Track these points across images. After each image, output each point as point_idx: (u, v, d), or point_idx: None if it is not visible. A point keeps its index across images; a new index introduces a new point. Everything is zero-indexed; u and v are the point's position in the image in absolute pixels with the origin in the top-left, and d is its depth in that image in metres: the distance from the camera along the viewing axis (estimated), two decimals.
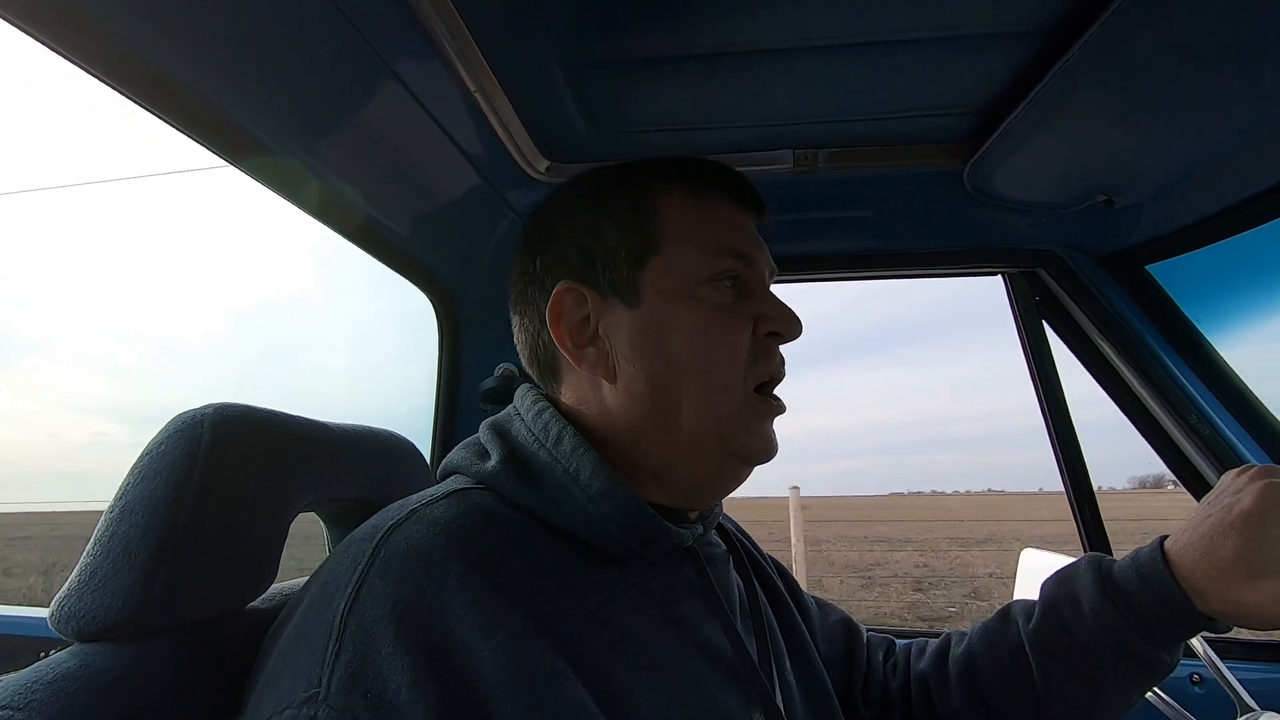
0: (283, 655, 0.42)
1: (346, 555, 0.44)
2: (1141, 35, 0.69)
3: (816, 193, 1.08)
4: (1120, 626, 0.60)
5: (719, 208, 0.60)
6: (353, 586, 0.41)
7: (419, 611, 0.39)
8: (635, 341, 0.56)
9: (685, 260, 0.57)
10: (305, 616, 0.43)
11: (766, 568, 0.75)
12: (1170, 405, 1.09)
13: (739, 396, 0.56)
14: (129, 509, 0.49)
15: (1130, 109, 0.81)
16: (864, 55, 0.81)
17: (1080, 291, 1.14)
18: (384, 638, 0.38)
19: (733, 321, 0.57)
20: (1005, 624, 0.69)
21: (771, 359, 0.59)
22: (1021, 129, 0.86)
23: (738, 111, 0.93)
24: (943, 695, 0.70)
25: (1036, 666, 0.64)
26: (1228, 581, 0.55)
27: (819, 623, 0.77)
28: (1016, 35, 0.75)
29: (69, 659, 0.45)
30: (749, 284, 0.59)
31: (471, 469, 0.55)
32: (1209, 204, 0.98)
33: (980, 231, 1.15)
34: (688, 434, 0.56)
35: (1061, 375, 1.24)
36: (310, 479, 0.62)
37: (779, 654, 0.63)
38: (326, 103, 0.78)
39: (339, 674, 0.38)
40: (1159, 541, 0.61)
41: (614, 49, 0.81)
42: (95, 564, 0.48)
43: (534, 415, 0.57)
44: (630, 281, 0.57)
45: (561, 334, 0.58)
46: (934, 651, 0.73)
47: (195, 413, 0.55)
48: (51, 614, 0.48)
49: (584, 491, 0.51)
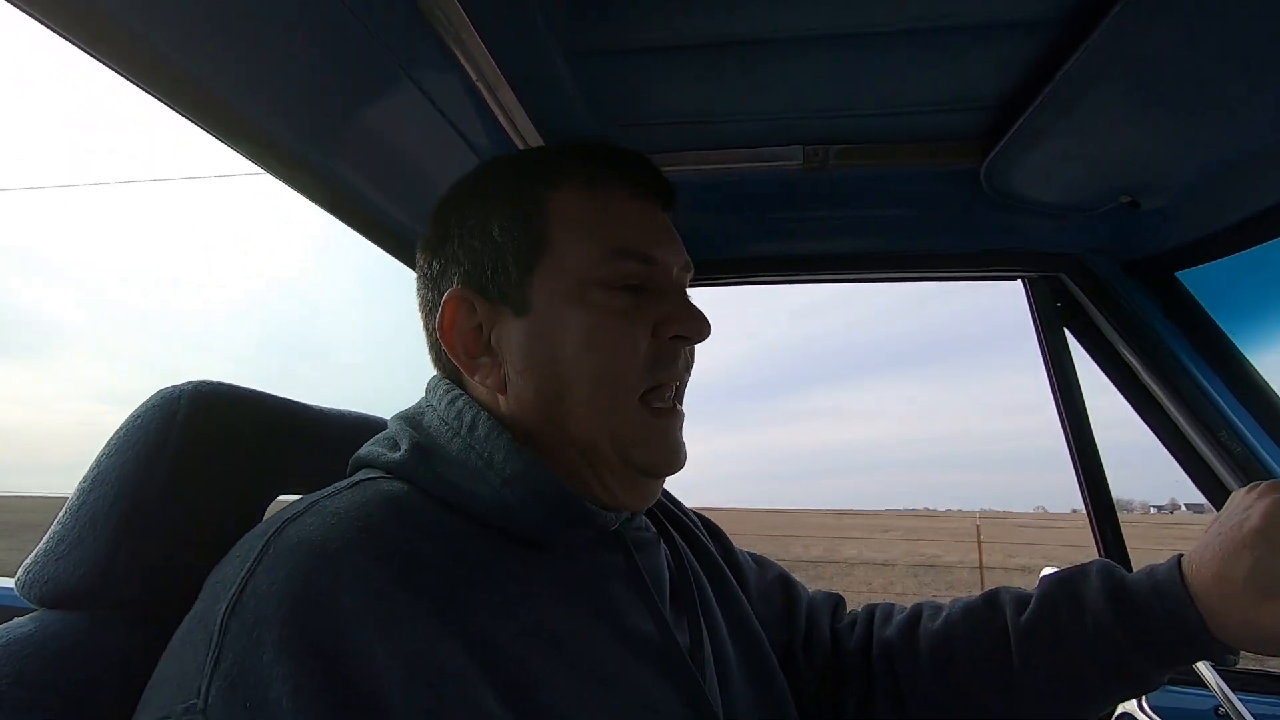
0: (169, 658, 0.40)
1: (239, 552, 0.42)
2: (1163, 24, 0.66)
3: (827, 190, 1.06)
4: (1123, 642, 0.58)
5: (616, 201, 0.56)
6: (237, 585, 0.38)
7: (306, 612, 0.37)
8: (525, 351, 0.54)
9: (575, 262, 0.54)
10: (192, 618, 0.40)
11: (698, 534, 0.73)
12: (1199, 421, 1.04)
13: (632, 407, 0.54)
14: (100, 479, 0.50)
15: (1153, 104, 0.77)
16: (875, 46, 0.79)
17: (1105, 298, 1.09)
18: (265, 643, 0.35)
19: (626, 326, 0.54)
20: (991, 609, 0.67)
21: (673, 363, 0.56)
22: (1038, 125, 0.83)
23: (746, 105, 0.91)
24: (909, 667, 0.68)
25: (1019, 660, 0.62)
26: (1242, 602, 0.52)
27: (755, 581, 0.75)
28: (1032, 25, 0.72)
29: (27, 624, 0.45)
30: (653, 284, 0.56)
31: (380, 460, 0.52)
32: (1242, 207, 0.92)
33: (999, 233, 1.11)
34: (584, 447, 0.54)
35: None
36: (291, 460, 0.62)
37: (715, 631, 0.61)
38: (330, 93, 0.78)
39: (217, 683, 0.35)
40: (1176, 559, 0.58)
41: (617, 37, 0.80)
42: (63, 531, 0.49)
43: (446, 404, 0.55)
44: (519, 287, 0.54)
45: (454, 344, 0.56)
46: (902, 621, 0.71)
47: (174, 388, 0.55)
48: (18, 579, 0.49)
49: (499, 475, 0.50)
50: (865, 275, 1.22)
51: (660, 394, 0.56)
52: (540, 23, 0.76)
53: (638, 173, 0.58)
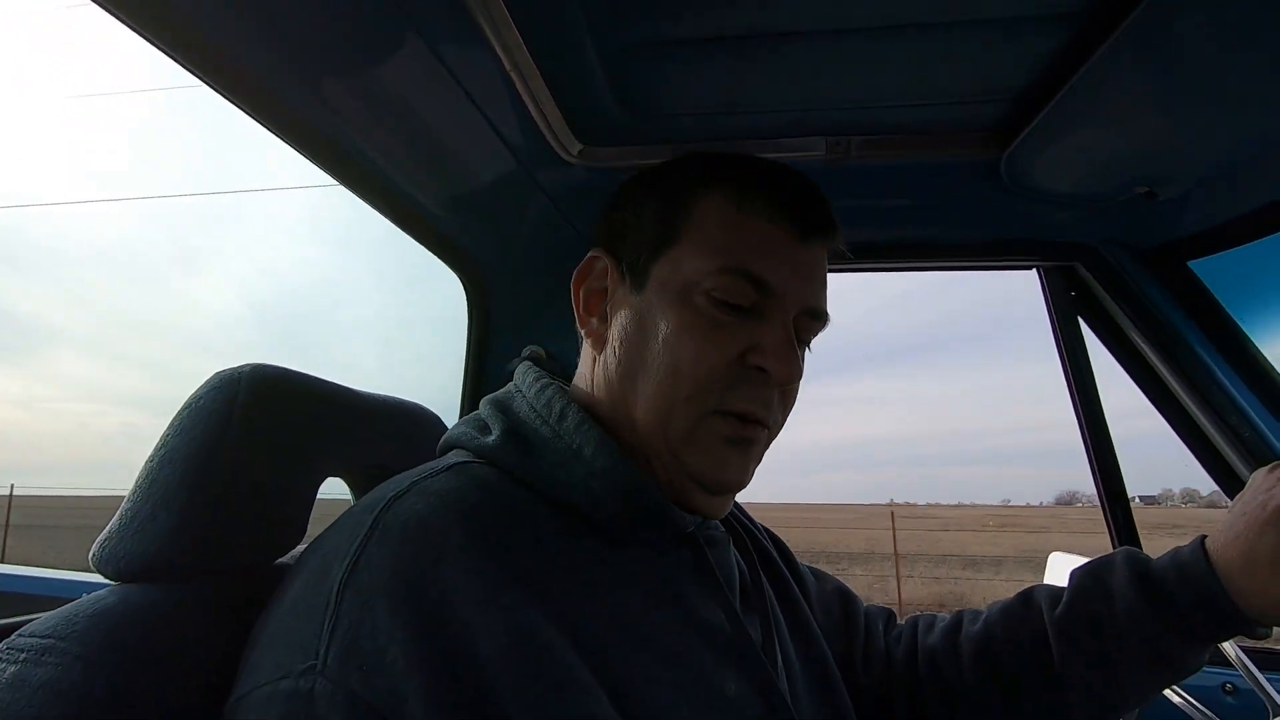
0: (282, 621, 0.42)
1: (346, 527, 0.45)
2: (1185, 18, 0.67)
3: (849, 181, 1.07)
4: (1155, 627, 0.59)
5: (756, 222, 0.55)
6: (350, 557, 0.41)
7: (415, 583, 0.39)
8: (626, 324, 0.57)
9: (691, 262, 0.55)
10: (305, 585, 0.43)
11: (765, 543, 0.75)
12: (1211, 408, 1.06)
13: (696, 412, 0.53)
14: (168, 458, 0.52)
15: (1174, 96, 0.79)
16: (898, 39, 0.80)
17: (1119, 288, 1.11)
18: (380, 609, 0.38)
19: (714, 337, 0.53)
20: (1027, 609, 0.68)
21: (752, 395, 0.54)
22: (1060, 117, 0.84)
23: (771, 97, 0.93)
24: (954, 671, 0.69)
25: (1058, 655, 0.63)
26: (1269, 578, 0.54)
27: (815, 593, 0.76)
28: (1056, 19, 0.74)
29: (108, 596, 0.47)
30: (763, 311, 0.55)
31: (472, 443, 0.55)
32: (1255, 197, 0.94)
33: (1016, 223, 1.13)
34: (642, 431, 0.55)
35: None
36: (339, 443, 0.64)
37: (780, 633, 0.63)
38: (360, 72, 0.79)
39: (336, 646, 0.38)
40: (1200, 541, 0.60)
41: (649, 30, 0.81)
42: (135, 508, 0.50)
43: (536, 392, 0.57)
44: (643, 268, 0.57)
45: (578, 296, 0.60)
46: (945, 628, 0.73)
47: (233, 370, 0.57)
48: (92, 555, 0.50)
49: (586, 467, 0.51)
50: (883, 265, 1.24)
51: (738, 419, 0.55)
52: (578, 14, 0.77)
53: (787, 200, 0.57)
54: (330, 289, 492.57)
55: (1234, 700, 1.06)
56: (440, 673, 0.37)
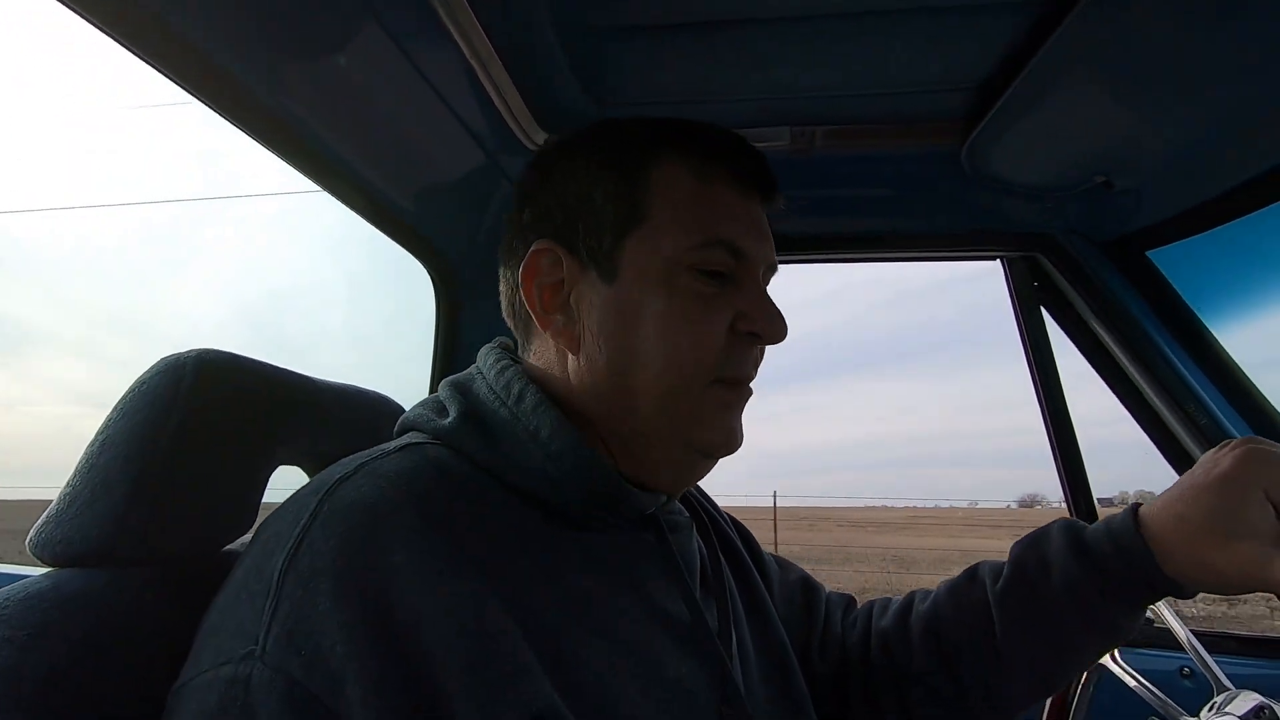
0: (224, 609, 0.41)
1: (291, 509, 0.44)
2: (1135, 8, 0.68)
3: (814, 172, 1.08)
4: (1085, 589, 0.60)
5: (719, 189, 0.56)
6: (293, 541, 0.40)
7: (359, 567, 0.38)
8: (603, 317, 0.54)
9: (669, 241, 0.53)
10: (248, 570, 0.42)
11: (728, 531, 0.75)
12: (1169, 394, 1.08)
13: (699, 390, 0.54)
14: (109, 441, 0.51)
15: (1125, 86, 0.80)
16: (862, 28, 0.81)
17: (1079, 277, 1.13)
18: (321, 594, 0.37)
19: (708, 315, 0.54)
20: (972, 583, 0.69)
21: (745, 359, 0.56)
22: (1017, 106, 0.86)
23: (735, 85, 0.93)
24: (903, 651, 0.69)
25: (1000, 626, 0.64)
26: (1199, 543, 0.54)
27: (778, 582, 0.76)
28: (1011, 7, 0.75)
29: (41, 580, 0.46)
30: (738, 278, 0.56)
31: (428, 425, 0.53)
32: (1209, 188, 0.96)
33: (979, 214, 1.14)
34: (645, 422, 0.54)
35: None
36: (295, 431, 0.63)
37: (738, 620, 0.63)
38: (319, 62, 0.78)
39: (275, 631, 0.37)
40: (1133, 507, 0.61)
41: (610, 15, 0.81)
42: (74, 493, 0.49)
43: (496, 373, 0.56)
44: (609, 254, 0.54)
45: (532, 294, 0.56)
46: (896, 609, 0.73)
47: (179, 355, 0.56)
48: (30, 540, 0.49)
49: (543, 449, 0.50)
50: (848, 256, 1.25)
51: (729, 385, 0.56)
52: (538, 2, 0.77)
53: (745, 162, 0.57)
54: (315, 288, 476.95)
55: (1190, 683, 1.08)
56: (381, 660, 0.36)
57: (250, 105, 0.80)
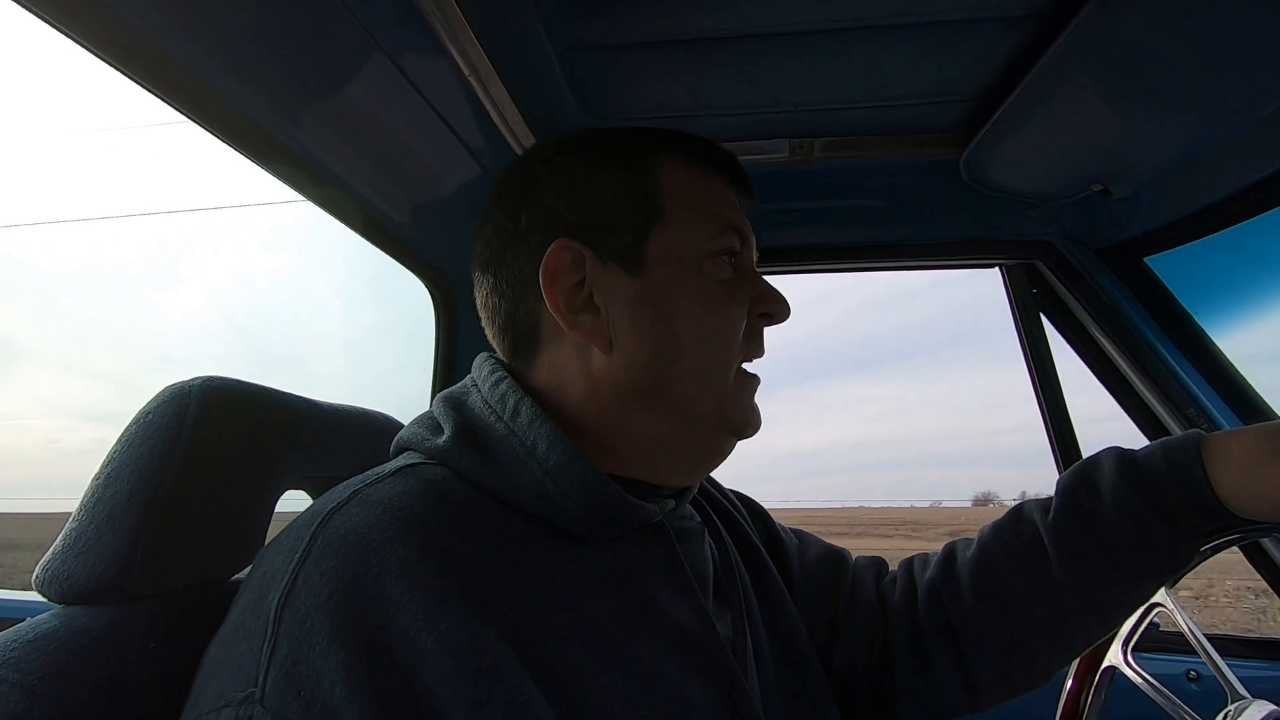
0: (223, 647, 0.41)
1: (285, 544, 0.42)
2: (1132, 19, 0.69)
3: (813, 182, 1.08)
4: (1139, 506, 0.59)
5: (717, 183, 0.59)
6: (288, 577, 0.39)
7: (355, 603, 0.37)
8: (636, 311, 0.54)
9: (691, 232, 0.55)
10: (244, 608, 0.41)
11: (741, 522, 0.73)
12: (1168, 399, 1.09)
13: (733, 372, 0.56)
14: (114, 475, 0.50)
15: (1122, 95, 0.81)
16: (859, 41, 0.81)
17: (1078, 284, 1.13)
18: (319, 633, 0.36)
19: (733, 298, 0.56)
20: (1019, 522, 0.67)
21: (760, 338, 0.60)
22: (1015, 116, 0.86)
23: (733, 98, 0.93)
24: (954, 598, 0.67)
25: (1055, 557, 0.62)
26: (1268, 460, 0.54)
27: (797, 559, 0.75)
28: (1008, 20, 0.75)
29: (50, 620, 0.45)
30: (743, 264, 0.59)
31: (423, 444, 0.52)
32: (1205, 194, 0.97)
33: (978, 223, 1.15)
34: (685, 408, 0.55)
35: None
36: (299, 455, 0.63)
37: (755, 627, 0.62)
38: (314, 78, 0.77)
39: (274, 672, 0.36)
40: (1196, 432, 0.60)
41: (608, 31, 0.81)
42: (79, 529, 0.49)
43: (490, 386, 0.54)
44: (635, 249, 0.54)
45: (556, 297, 0.54)
46: (940, 560, 0.71)
47: (184, 384, 0.55)
48: (35, 577, 0.48)
49: (541, 465, 0.49)
50: (848, 265, 1.25)
51: (743, 366, 0.59)
52: (534, 16, 0.77)
53: (730, 162, 0.61)
54: (305, 299, 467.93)
55: (1196, 687, 1.08)
56: (382, 699, 0.35)
57: (245, 123, 0.79)
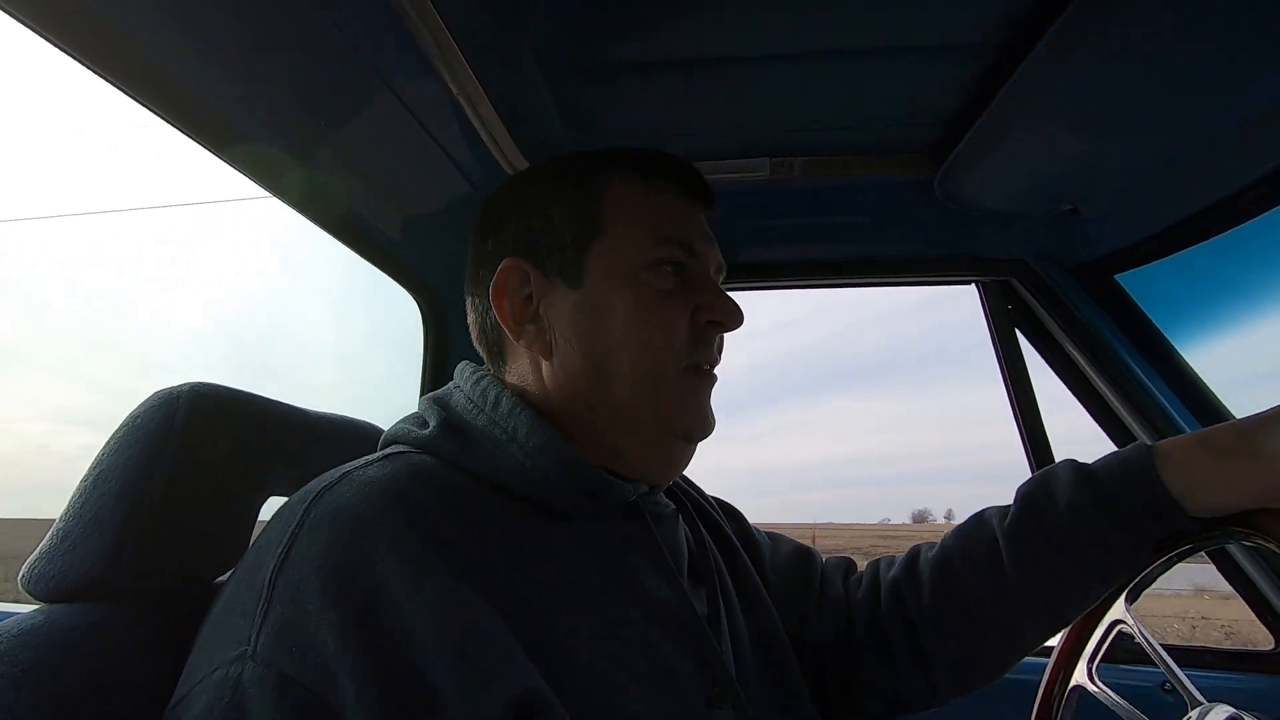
0: (216, 620, 0.43)
1: (279, 520, 0.45)
2: (1082, 53, 0.72)
3: (794, 200, 1.11)
4: (1094, 514, 0.62)
5: (666, 196, 0.61)
6: (282, 548, 0.41)
7: (347, 568, 0.40)
8: (574, 320, 0.58)
9: (628, 244, 0.58)
10: (238, 582, 0.43)
11: (717, 518, 0.76)
12: (1140, 413, 1.12)
13: (673, 376, 0.58)
14: (102, 477, 0.51)
15: (1080, 121, 0.84)
16: (836, 65, 0.84)
17: (1051, 301, 1.16)
18: (312, 594, 0.39)
19: (671, 306, 0.59)
20: (980, 525, 0.70)
21: (709, 346, 0.61)
22: (984, 139, 0.89)
23: (715, 119, 0.96)
24: (914, 595, 0.70)
25: (1009, 561, 0.65)
26: (1221, 458, 0.58)
27: (769, 557, 0.77)
28: (976, 46, 0.78)
29: (35, 616, 0.46)
30: (693, 274, 0.61)
31: (409, 437, 0.56)
32: (1171, 213, 1.00)
33: (954, 240, 1.18)
34: (625, 412, 0.58)
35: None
36: (286, 462, 0.64)
37: (730, 607, 0.64)
38: (311, 102, 0.80)
39: (266, 631, 0.38)
40: (1148, 444, 0.64)
41: (595, 55, 0.83)
42: (67, 528, 0.50)
43: (472, 385, 0.59)
44: (574, 264, 0.59)
45: (504, 309, 0.60)
46: (904, 560, 0.74)
47: (173, 389, 0.56)
48: (22, 576, 0.50)
49: (521, 448, 0.53)
50: (827, 281, 1.28)
51: (697, 372, 0.61)
52: (523, 40, 0.80)
53: (684, 174, 0.63)
54: (295, 308, 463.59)
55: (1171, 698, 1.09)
56: (373, 654, 0.37)
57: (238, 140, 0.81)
